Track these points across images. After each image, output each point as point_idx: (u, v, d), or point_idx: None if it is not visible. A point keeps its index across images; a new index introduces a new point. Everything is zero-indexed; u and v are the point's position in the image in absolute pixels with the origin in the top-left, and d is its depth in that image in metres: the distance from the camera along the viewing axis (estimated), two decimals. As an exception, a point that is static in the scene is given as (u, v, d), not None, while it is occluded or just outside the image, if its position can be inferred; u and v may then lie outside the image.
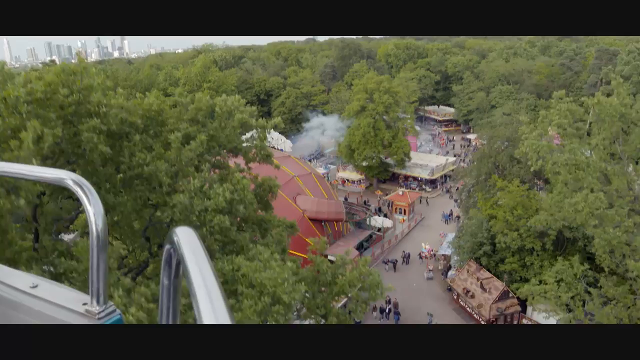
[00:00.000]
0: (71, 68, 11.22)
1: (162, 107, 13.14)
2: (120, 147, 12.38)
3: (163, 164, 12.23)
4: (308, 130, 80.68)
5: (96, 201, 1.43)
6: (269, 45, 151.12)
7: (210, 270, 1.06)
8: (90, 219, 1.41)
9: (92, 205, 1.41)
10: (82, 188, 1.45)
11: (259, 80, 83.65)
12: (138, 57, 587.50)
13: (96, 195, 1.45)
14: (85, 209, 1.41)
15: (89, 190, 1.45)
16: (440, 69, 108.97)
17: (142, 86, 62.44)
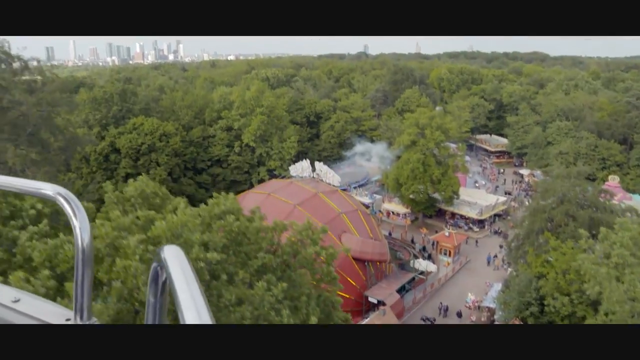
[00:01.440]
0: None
1: (243, 228, 13.46)
2: (208, 286, 12.65)
3: (247, 310, 12.30)
4: (355, 156, 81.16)
5: (83, 216, 1.47)
6: (320, 62, 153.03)
7: (197, 289, 1.06)
8: (76, 234, 1.43)
9: (78, 220, 1.43)
10: (69, 202, 1.47)
11: (310, 102, 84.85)
12: (192, 60, 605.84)
13: (83, 210, 1.50)
14: (72, 224, 1.44)
15: (76, 205, 1.48)
16: (494, 97, 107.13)
17: (197, 106, 64.83)
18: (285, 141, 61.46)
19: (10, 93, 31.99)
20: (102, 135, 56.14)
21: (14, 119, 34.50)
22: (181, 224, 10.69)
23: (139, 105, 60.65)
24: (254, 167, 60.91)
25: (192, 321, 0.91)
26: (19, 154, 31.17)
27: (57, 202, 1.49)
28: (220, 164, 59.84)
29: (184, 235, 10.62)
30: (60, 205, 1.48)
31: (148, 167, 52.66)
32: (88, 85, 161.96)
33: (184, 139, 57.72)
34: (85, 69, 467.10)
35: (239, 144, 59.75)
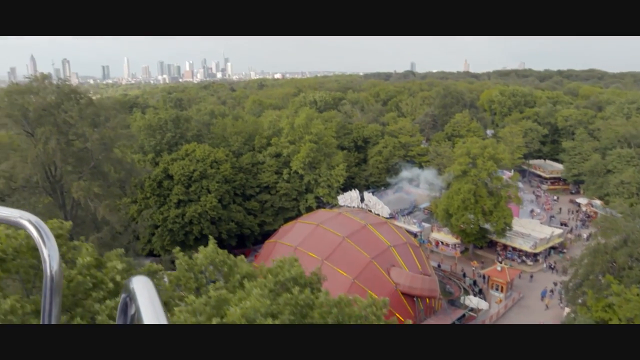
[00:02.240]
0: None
1: (309, 302, 13.59)
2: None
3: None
4: (403, 182, 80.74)
5: (52, 244, 1.47)
6: (367, 84, 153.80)
7: (166, 322, 1.07)
8: (45, 261, 1.43)
9: (47, 247, 1.44)
10: (39, 230, 1.46)
11: (358, 126, 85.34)
12: (239, 79, 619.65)
13: (53, 238, 1.49)
14: (40, 251, 1.44)
15: (46, 234, 1.48)
16: (549, 121, 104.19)
17: (247, 132, 66.51)
18: (334, 168, 61.95)
19: (76, 127, 34.07)
20: (156, 161, 58.46)
21: (79, 151, 36.67)
22: (254, 310, 11.09)
23: (191, 132, 62.87)
24: (302, 194, 61.64)
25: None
26: (83, 187, 33.02)
27: (25, 229, 1.50)
28: (269, 190, 60.93)
29: (258, 320, 11.06)
30: (29, 232, 1.49)
31: (199, 193, 54.33)
32: (140, 106, 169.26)
33: (234, 166, 59.23)
34: (137, 87, 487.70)
35: (288, 171, 60.72)
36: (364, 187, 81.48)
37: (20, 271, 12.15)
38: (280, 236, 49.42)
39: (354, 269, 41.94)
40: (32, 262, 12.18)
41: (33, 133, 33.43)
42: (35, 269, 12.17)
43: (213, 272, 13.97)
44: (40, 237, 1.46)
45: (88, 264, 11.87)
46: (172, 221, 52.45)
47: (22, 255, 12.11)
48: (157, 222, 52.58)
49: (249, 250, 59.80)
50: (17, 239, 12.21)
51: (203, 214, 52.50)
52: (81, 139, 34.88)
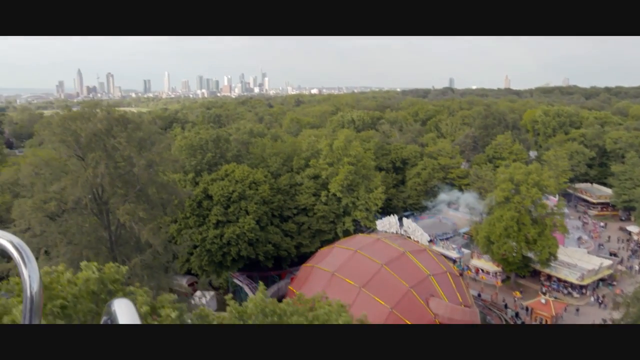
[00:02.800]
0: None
1: None
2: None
3: None
4: (442, 206, 79.79)
5: (33, 266, 1.49)
6: (406, 102, 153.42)
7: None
8: (25, 282, 1.44)
9: (28, 269, 1.45)
10: (20, 251, 1.48)
11: (396, 147, 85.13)
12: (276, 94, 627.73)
13: (34, 260, 1.52)
14: (20, 272, 1.46)
15: (27, 255, 1.50)
16: (596, 143, 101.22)
17: (286, 153, 67.36)
18: (372, 192, 61.89)
19: (124, 152, 35.40)
20: (196, 181, 59.85)
21: (125, 174, 38.02)
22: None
23: (231, 152, 64.14)
24: (340, 217, 61.73)
25: None
26: (129, 210, 34.17)
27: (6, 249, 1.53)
28: (306, 212, 61.32)
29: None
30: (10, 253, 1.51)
31: (238, 214, 55.20)
32: (180, 121, 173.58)
33: (272, 187, 59.97)
34: (177, 101, 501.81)
35: (326, 193, 60.99)
36: (402, 209, 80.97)
37: (79, 316, 12.76)
38: (317, 260, 49.57)
39: (392, 298, 41.60)
40: (91, 307, 12.76)
41: (84, 157, 34.95)
42: (94, 313, 12.75)
43: (263, 321, 14.21)
44: (21, 258, 1.51)
45: (145, 314, 12.30)
46: (211, 242, 53.40)
47: (81, 300, 12.71)
48: (196, 242, 53.60)
49: (285, 272, 60.20)
50: (76, 284, 12.85)
51: (241, 235, 53.26)
52: (128, 163, 36.20)
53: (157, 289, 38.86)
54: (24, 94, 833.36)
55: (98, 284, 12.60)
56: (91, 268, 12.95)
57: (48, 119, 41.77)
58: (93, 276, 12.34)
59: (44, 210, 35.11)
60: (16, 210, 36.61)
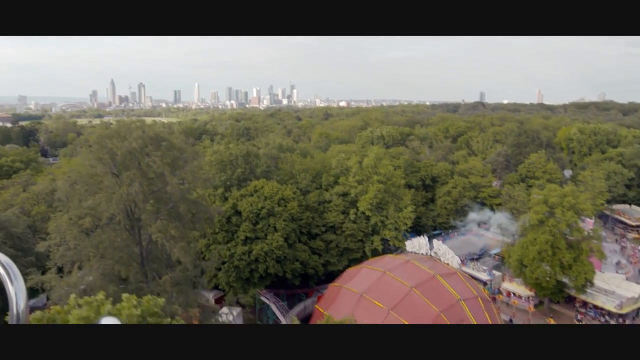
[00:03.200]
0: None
1: None
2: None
3: None
4: (472, 225, 78.65)
5: (20, 284, 1.52)
6: (436, 118, 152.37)
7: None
8: (12, 300, 1.46)
9: (14, 287, 1.47)
10: (7, 269, 1.50)
11: (426, 165, 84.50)
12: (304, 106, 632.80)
13: (21, 278, 1.54)
14: (7, 290, 1.45)
15: (14, 273, 1.53)
16: (635, 163, 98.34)
17: (315, 170, 67.57)
18: (402, 211, 61.43)
19: (158, 171, 36.11)
20: (226, 197, 60.48)
21: (158, 191, 38.74)
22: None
23: (260, 169, 64.68)
24: (368, 236, 61.39)
25: None
26: (161, 229, 34.78)
27: None
28: (335, 230, 61.20)
29: None
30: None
31: (266, 231, 55.47)
32: (210, 133, 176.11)
33: (301, 204, 60.14)
34: (206, 112, 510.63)
35: (355, 212, 60.83)
36: (431, 228, 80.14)
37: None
38: (345, 281, 49.36)
39: (421, 322, 40.99)
40: None
41: (119, 175, 35.79)
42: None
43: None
44: (8, 276, 1.54)
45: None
46: (239, 258, 53.75)
47: None
48: (224, 258, 54.02)
49: (312, 290, 60.06)
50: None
51: (269, 252, 53.45)
52: (161, 181, 36.90)
53: (186, 305, 39.36)
54: (59, 103, 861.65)
55: (138, 320, 12.81)
56: (131, 302, 13.17)
57: (86, 137, 43.04)
58: (136, 313, 12.55)
59: (79, 226, 36.03)
60: (53, 225, 37.65)
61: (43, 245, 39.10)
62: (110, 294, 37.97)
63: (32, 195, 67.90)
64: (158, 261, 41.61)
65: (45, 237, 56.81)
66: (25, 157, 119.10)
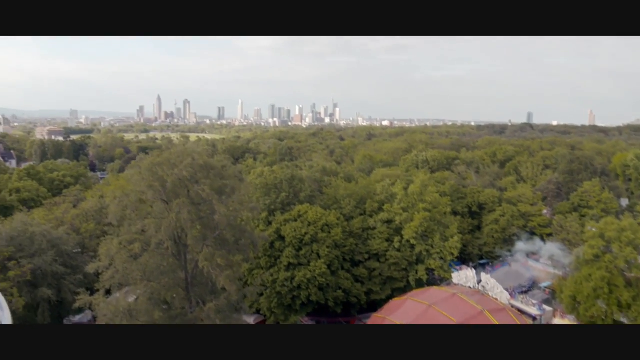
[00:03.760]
0: None
1: None
2: None
3: None
4: (520, 255, 76.28)
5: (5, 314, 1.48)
6: (482, 141, 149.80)
7: None
8: None
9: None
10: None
11: (473, 191, 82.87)
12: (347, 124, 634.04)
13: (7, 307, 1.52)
14: None
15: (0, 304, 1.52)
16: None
17: (359, 195, 67.35)
18: (448, 240, 60.28)
19: (206, 197, 36.84)
20: (269, 221, 61.01)
21: (205, 217, 39.44)
22: None
23: (304, 193, 65.00)
24: (412, 265, 60.42)
25: None
26: (207, 257, 35.35)
27: None
28: (378, 258, 60.58)
29: None
30: None
31: (309, 258, 55.47)
32: (252, 152, 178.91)
33: (345, 230, 59.95)
34: (249, 130, 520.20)
35: (399, 239, 60.09)
36: (477, 256, 78.28)
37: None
38: (388, 312, 48.53)
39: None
40: None
41: (168, 201, 36.71)
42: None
43: None
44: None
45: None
46: (281, 284, 53.87)
47: None
48: (266, 283, 54.27)
49: (354, 319, 59.43)
50: None
51: (312, 279, 53.36)
52: (209, 208, 37.60)
53: (228, 331, 39.66)
54: (108, 117, 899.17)
55: None
56: None
57: (137, 162, 44.55)
58: None
59: (128, 251, 37.05)
60: (103, 248, 38.81)
61: (92, 267, 40.33)
62: (156, 318, 38.93)
63: (81, 212, 70.33)
64: (202, 287, 42.21)
65: (92, 254, 58.88)
66: (75, 171, 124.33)
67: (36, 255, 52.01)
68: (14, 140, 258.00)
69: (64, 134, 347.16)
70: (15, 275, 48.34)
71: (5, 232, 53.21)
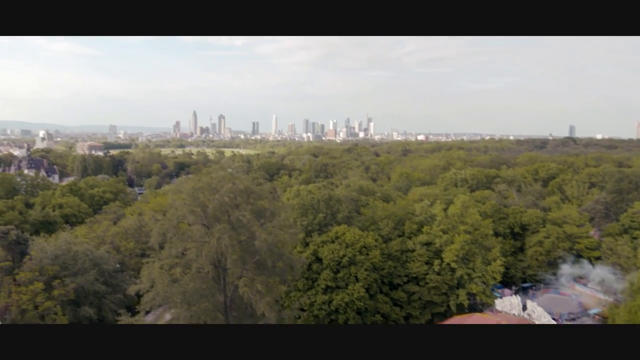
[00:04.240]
0: None
1: None
2: None
3: None
4: (567, 279, 73.67)
5: None
6: (523, 158, 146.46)
7: None
8: None
9: None
10: None
11: (515, 211, 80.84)
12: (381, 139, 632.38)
13: None
14: None
15: None
16: None
17: (397, 216, 66.64)
18: (490, 264, 58.82)
19: (247, 223, 37.08)
20: (307, 242, 60.94)
21: (244, 241, 39.68)
22: None
23: (342, 214, 64.79)
24: (453, 289, 59.13)
25: None
26: (247, 283, 35.49)
27: None
28: (417, 281, 59.60)
29: None
30: None
31: (347, 281, 55.06)
32: (287, 168, 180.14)
33: (383, 252, 59.32)
34: (283, 144, 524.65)
35: (439, 263, 59.01)
36: (520, 279, 76.07)
37: None
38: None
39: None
40: None
41: (209, 226, 37.17)
42: None
43: None
44: None
45: None
46: (319, 307, 53.58)
47: None
48: (304, 306, 54.05)
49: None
50: None
51: (350, 303, 52.89)
52: (249, 233, 37.83)
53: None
54: (145, 132, 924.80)
55: None
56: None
57: (179, 186, 45.34)
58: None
59: (170, 275, 37.58)
60: (145, 272, 39.46)
61: (133, 289, 41.03)
62: (195, 342, 39.27)
63: (121, 230, 71.96)
64: (241, 311, 42.36)
65: (132, 272, 60.10)
66: (114, 187, 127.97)
67: (79, 274, 53.39)
68: (57, 155, 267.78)
69: (103, 148, 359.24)
70: (59, 294, 49.66)
71: (50, 250, 54.87)
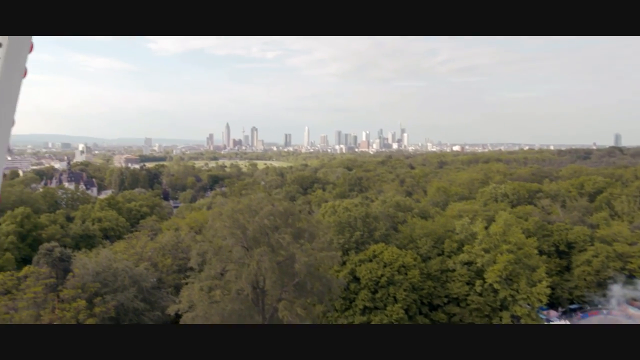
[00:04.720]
0: None
1: None
2: None
3: None
4: (619, 301, 70.98)
5: None
6: (567, 170, 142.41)
7: None
8: None
9: None
10: None
11: (560, 228, 78.54)
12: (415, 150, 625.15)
13: None
14: None
15: None
16: None
17: (436, 234, 65.64)
18: (535, 285, 57.17)
19: (286, 245, 37.21)
20: (344, 260, 60.56)
21: (282, 262, 39.79)
22: None
23: (379, 232, 64.25)
24: (496, 311, 57.68)
25: None
26: (287, 306, 35.49)
27: None
28: (458, 302, 58.43)
29: None
30: None
31: (385, 301, 54.43)
32: (321, 182, 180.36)
33: (422, 271, 58.44)
34: (316, 157, 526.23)
35: (481, 283, 57.73)
36: (567, 301, 73.69)
37: None
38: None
39: None
40: None
41: (249, 248, 37.44)
42: None
43: None
44: None
45: None
46: (357, 329, 53.01)
47: None
48: (340, 325, 53.65)
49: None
50: None
51: (389, 325, 52.14)
52: (289, 255, 37.95)
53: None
54: (179, 145, 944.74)
55: None
56: None
57: (219, 209, 45.98)
58: None
59: (210, 297, 37.96)
60: (184, 292, 40.03)
61: (173, 309, 41.62)
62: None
63: (158, 246, 73.25)
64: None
65: (169, 289, 60.99)
66: (151, 201, 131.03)
67: (119, 291, 54.46)
68: (95, 168, 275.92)
69: (139, 161, 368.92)
70: (101, 312, 50.79)
71: (92, 267, 56.26)
